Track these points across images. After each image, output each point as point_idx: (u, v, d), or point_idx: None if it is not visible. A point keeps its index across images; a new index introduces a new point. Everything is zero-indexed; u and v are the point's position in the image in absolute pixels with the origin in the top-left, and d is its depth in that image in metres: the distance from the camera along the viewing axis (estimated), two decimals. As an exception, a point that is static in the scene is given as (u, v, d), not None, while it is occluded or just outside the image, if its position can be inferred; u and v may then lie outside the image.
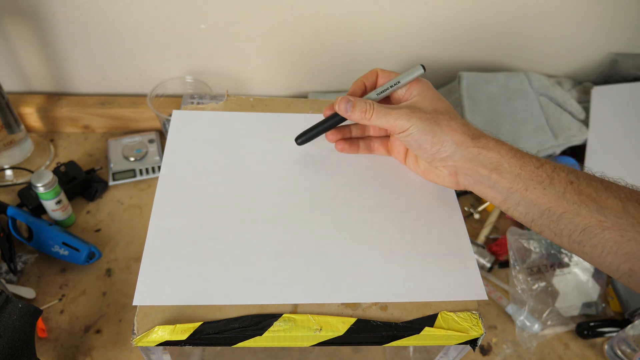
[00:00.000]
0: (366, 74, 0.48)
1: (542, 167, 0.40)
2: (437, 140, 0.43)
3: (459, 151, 0.43)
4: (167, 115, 0.84)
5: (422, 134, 0.43)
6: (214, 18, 0.85)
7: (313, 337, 0.38)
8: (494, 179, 0.42)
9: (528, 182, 0.40)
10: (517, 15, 0.90)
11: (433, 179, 0.48)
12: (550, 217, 0.40)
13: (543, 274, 0.77)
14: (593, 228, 0.38)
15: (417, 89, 0.46)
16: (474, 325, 0.39)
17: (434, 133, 0.43)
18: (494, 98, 0.91)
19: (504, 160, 0.41)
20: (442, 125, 0.43)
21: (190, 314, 0.38)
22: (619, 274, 0.38)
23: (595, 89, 0.94)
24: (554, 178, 0.40)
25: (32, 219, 0.73)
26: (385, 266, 0.42)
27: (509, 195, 0.41)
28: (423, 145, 0.44)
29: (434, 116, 0.43)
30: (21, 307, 0.54)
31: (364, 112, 0.45)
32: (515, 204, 0.42)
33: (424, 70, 0.46)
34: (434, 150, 0.43)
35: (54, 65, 0.91)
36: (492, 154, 0.42)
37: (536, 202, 0.40)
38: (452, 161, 0.44)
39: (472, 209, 0.89)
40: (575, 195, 0.39)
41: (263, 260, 0.42)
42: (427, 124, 0.43)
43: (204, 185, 0.47)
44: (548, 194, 0.39)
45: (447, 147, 0.43)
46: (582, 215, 0.38)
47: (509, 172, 0.41)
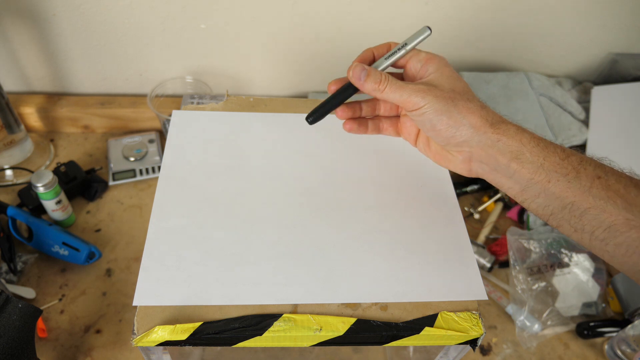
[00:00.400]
0: (378, 46, 0.45)
1: (567, 159, 0.38)
2: (453, 122, 0.40)
3: (476, 136, 0.40)
4: (167, 115, 0.84)
5: (437, 114, 0.40)
6: (214, 18, 0.85)
7: (313, 337, 0.38)
8: (513, 168, 0.39)
9: (551, 173, 0.37)
10: (517, 16, 0.90)
11: (444, 164, 0.45)
12: (573, 211, 0.37)
13: (543, 274, 0.77)
14: (619, 226, 0.36)
15: (433, 65, 0.43)
16: (474, 325, 0.39)
17: (450, 114, 0.40)
18: (494, 98, 0.91)
19: (525, 150, 0.38)
20: (459, 107, 0.40)
21: (190, 314, 0.38)
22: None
23: (595, 89, 0.94)
24: (580, 171, 0.37)
25: (32, 219, 0.73)
26: (385, 266, 0.42)
27: (529, 187, 0.39)
28: (437, 126, 0.40)
29: (451, 95, 0.40)
30: (21, 307, 0.54)
31: (378, 83, 0.41)
32: (534, 195, 0.39)
33: (430, 31, 0.43)
34: (449, 133, 0.40)
35: (54, 65, 0.91)
36: (512, 141, 0.39)
37: (559, 195, 0.37)
38: (468, 147, 0.41)
39: (472, 209, 0.89)
40: (602, 191, 0.36)
41: (263, 260, 0.42)
42: (443, 103, 0.40)
43: (203, 185, 0.47)
44: (573, 188, 0.37)
45: (463, 131, 0.40)
46: (608, 212, 0.36)
47: (530, 162, 0.38)
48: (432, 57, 0.43)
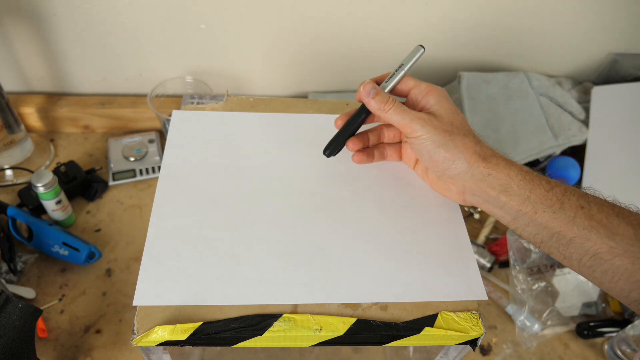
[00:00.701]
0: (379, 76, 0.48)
1: (552, 191, 0.40)
2: (450, 155, 0.42)
3: (469, 171, 0.42)
4: (167, 115, 0.84)
5: (435, 146, 0.42)
6: (214, 18, 0.85)
7: (313, 337, 0.38)
8: (502, 200, 0.41)
9: (537, 205, 0.39)
10: (517, 15, 0.90)
11: (441, 192, 0.47)
12: (560, 240, 0.39)
13: (543, 274, 0.77)
14: (604, 254, 0.37)
15: (433, 97, 0.45)
16: (474, 325, 0.39)
17: (447, 147, 0.42)
18: (494, 98, 0.91)
19: (513, 183, 0.40)
20: (456, 141, 0.42)
21: (190, 314, 0.38)
22: (629, 301, 0.38)
23: (595, 89, 0.94)
24: (565, 202, 0.39)
25: (32, 219, 0.73)
26: (385, 266, 0.42)
27: (518, 217, 0.41)
28: (434, 157, 0.43)
29: (449, 129, 0.42)
30: (21, 307, 0.54)
31: (384, 103, 0.43)
32: (524, 225, 0.41)
33: (423, 49, 0.45)
34: (445, 165, 0.43)
35: (54, 65, 0.91)
36: (501, 175, 0.41)
37: (545, 225, 0.39)
38: (461, 180, 0.43)
39: (472, 209, 0.89)
40: (585, 221, 0.38)
41: (263, 260, 0.42)
42: (442, 136, 0.42)
43: (204, 185, 0.47)
44: (558, 218, 0.39)
45: (459, 165, 0.42)
46: (592, 241, 0.37)
47: (517, 195, 0.40)
48: (433, 89, 0.45)
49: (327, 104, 0.57)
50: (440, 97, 0.45)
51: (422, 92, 0.45)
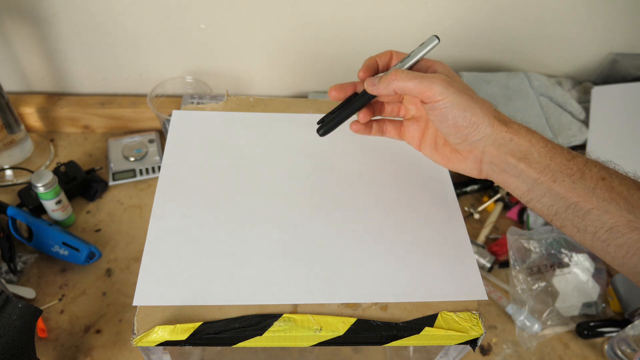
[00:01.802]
0: (379, 54, 0.46)
1: (573, 160, 0.38)
2: (476, 119, 0.40)
3: (492, 135, 0.40)
4: (167, 115, 0.84)
5: (461, 110, 0.39)
6: (214, 18, 0.85)
7: (313, 337, 0.38)
8: (521, 168, 0.39)
9: (557, 173, 0.38)
10: (517, 15, 0.90)
11: (453, 166, 0.45)
12: (576, 212, 0.38)
13: (543, 274, 0.77)
14: (621, 227, 0.36)
15: (440, 67, 0.43)
16: (474, 325, 0.39)
17: (473, 110, 0.40)
18: (494, 98, 0.91)
19: (534, 149, 0.39)
20: (479, 103, 0.40)
21: (190, 314, 0.38)
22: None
23: (595, 89, 0.94)
24: (585, 172, 0.38)
25: (32, 219, 0.73)
26: (385, 266, 0.42)
27: (535, 186, 0.39)
28: (460, 122, 0.40)
29: (469, 92, 0.40)
30: (21, 307, 0.54)
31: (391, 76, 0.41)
32: (539, 195, 0.39)
33: (438, 41, 0.43)
34: (469, 130, 0.40)
35: (54, 65, 0.91)
36: (523, 141, 0.39)
37: (563, 195, 0.38)
38: (483, 145, 0.41)
39: (472, 209, 0.89)
40: (606, 192, 0.37)
41: (263, 260, 0.42)
42: (465, 99, 0.40)
43: (204, 186, 0.47)
44: (577, 188, 0.37)
45: (483, 128, 0.40)
46: (611, 213, 0.36)
47: (537, 162, 0.39)
48: (437, 62, 0.44)
49: (327, 104, 0.57)
50: (446, 67, 0.43)
51: (427, 64, 0.44)
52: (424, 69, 0.44)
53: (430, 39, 0.43)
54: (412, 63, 0.43)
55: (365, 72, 0.45)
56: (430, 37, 0.43)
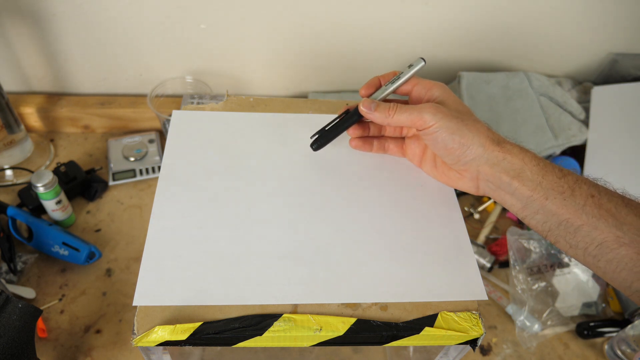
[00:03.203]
0: (384, 74, 0.48)
1: (564, 178, 0.40)
2: (465, 140, 0.42)
3: (485, 154, 0.42)
4: (167, 115, 0.84)
5: (450, 133, 0.42)
6: (214, 18, 0.85)
7: (313, 337, 0.38)
8: (514, 186, 0.41)
9: (549, 191, 0.40)
10: (517, 15, 0.90)
11: (452, 183, 0.47)
12: (568, 228, 0.39)
13: (543, 274, 0.77)
14: (610, 243, 0.38)
15: (437, 90, 0.45)
16: (474, 326, 0.39)
17: (462, 133, 0.42)
18: (494, 98, 0.91)
19: (526, 168, 0.41)
20: (469, 126, 0.42)
21: (190, 314, 0.38)
22: (631, 291, 0.38)
23: (595, 89, 0.94)
24: (575, 190, 0.39)
25: (32, 219, 0.73)
26: (385, 266, 0.42)
27: (528, 204, 0.41)
28: (450, 145, 0.42)
29: (458, 115, 0.43)
30: (21, 307, 0.54)
31: (387, 110, 0.44)
32: (533, 212, 0.41)
33: (424, 63, 0.46)
34: (460, 152, 0.42)
35: (54, 65, 0.91)
36: (516, 160, 0.41)
37: (555, 212, 0.40)
38: (476, 165, 0.43)
39: (472, 209, 0.89)
40: (595, 209, 0.38)
41: (263, 260, 0.42)
42: (454, 122, 0.42)
43: (204, 186, 0.47)
44: (568, 205, 0.39)
45: (474, 149, 0.42)
46: (600, 230, 0.38)
47: (530, 180, 0.40)
48: (436, 83, 0.46)
49: (327, 104, 0.57)
50: (444, 89, 0.45)
51: (425, 88, 0.46)
52: (424, 91, 0.46)
53: (417, 61, 0.46)
54: (401, 83, 0.47)
55: (367, 89, 0.47)
56: (417, 59, 0.47)
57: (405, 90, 0.48)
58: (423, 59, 0.46)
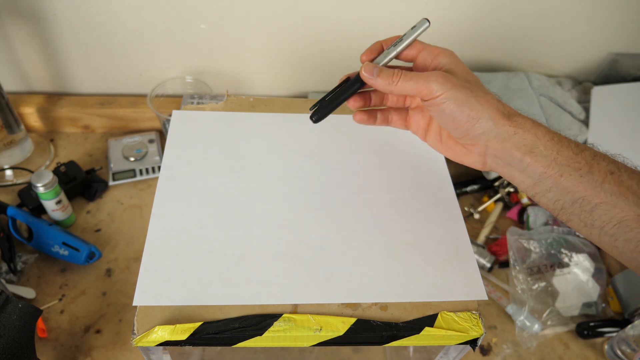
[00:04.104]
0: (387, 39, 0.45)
1: (581, 154, 0.38)
2: (475, 113, 0.39)
3: (494, 129, 0.39)
4: (167, 115, 0.84)
5: (458, 105, 0.39)
6: (214, 18, 0.85)
7: (313, 337, 0.38)
8: (526, 162, 0.38)
9: (564, 167, 0.37)
10: (517, 16, 0.90)
11: (458, 158, 0.44)
12: (584, 206, 0.37)
13: (543, 274, 0.77)
14: (630, 222, 0.36)
15: (445, 57, 0.42)
16: (474, 326, 0.39)
17: (471, 105, 0.39)
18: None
19: (540, 143, 0.38)
20: (479, 98, 0.39)
21: (190, 314, 0.38)
22: None
23: (595, 89, 0.94)
24: (593, 166, 0.37)
25: (32, 219, 0.73)
26: (385, 266, 0.42)
27: (540, 180, 0.39)
28: (458, 117, 0.39)
29: (468, 86, 0.39)
30: (21, 307, 0.54)
31: (391, 77, 0.40)
32: (545, 189, 0.39)
33: (429, 24, 0.42)
34: (469, 125, 0.39)
35: (54, 65, 0.91)
36: (528, 134, 0.38)
37: (570, 189, 0.37)
38: (485, 139, 0.40)
39: (472, 209, 0.88)
40: (614, 186, 0.36)
41: (263, 260, 0.42)
42: (463, 93, 0.39)
43: (203, 186, 0.47)
44: (585, 182, 0.37)
45: (483, 123, 0.39)
46: (619, 208, 0.36)
47: (544, 156, 0.38)
48: (443, 50, 0.42)
49: (327, 104, 0.57)
50: (452, 57, 0.42)
51: (432, 54, 0.43)
52: (430, 58, 0.43)
53: (421, 22, 0.42)
54: (405, 46, 0.43)
55: (369, 55, 0.44)
56: (421, 20, 0.42)
57: (410, 55, 0.44)
58: (427, 20, 0.42)
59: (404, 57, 0.44)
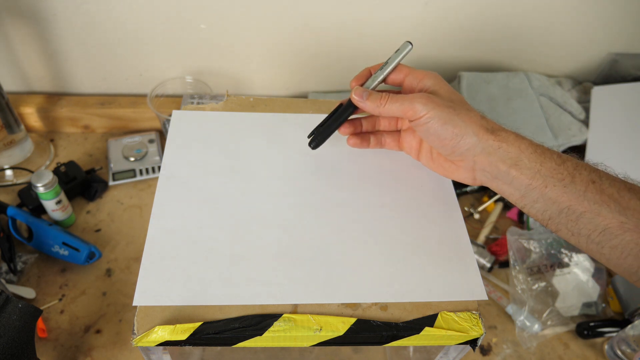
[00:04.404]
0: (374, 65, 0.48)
1: (563, 165, 0.39)
2: (458, 130, 0.41)
3: (479, 144, 0.41)
4: (167, 115, 0.84)
5: (442, 124, 0.41)
6: (214, 18, 0.85)
7: (313, 337, 0.38)
8: (512, 175, 0.40)
9: (548, 179, 0.39)
10: (517, 15, 0.90)
11: (449, 175, 0.46)
12: (569, 215, 0.38)
13: (543, 274, 0.77)
14: (614, 229, 0.37)
15: (430, 80, 0.44)
16: (474, 326, 0.39)
17: (454, 123, 0.41)
18: (494, 98, 0.91)
19: (523, 156, 0.40)
20: (462, 115, 0.41)
21: (190, 314, 0.38)
22: (637, 277, 0.38)
23: (595, 89, 0.94)
24: (576, 176, 0.38)
25: (32, 219, 0.73)
26: (385, 266, 0.42)
27: (527, 192, 0.40)
28: (442, 135, 0.41)
29: (451, 105, 0.42)
30: (21, 307, 0.54)
31: (379, 100, 0.43)
32: (532, 201, 0.40)
33: (411, 46, 0.45)
34: (454, 142, 0.41)
35: (54, 65, 0.91)
36: (512, 148, 0.40)
37: (555, 199, 0.39)
38: (472, 155, 0.42)
39: (472, 209, 0.89)
40: (597, 195, 0.37)
41: (263, 260, 0.42)
42: (446, 112, 0.41)
43: (203, 186, 0.47)
44: (568, 192, 0.38)
45: (468, 139, 0.41)
46: (603, 216, 0.37)
47: (528, 168, 0.39)
48: (428, 73, 0.45)
49: (327, 104, 0.57)
50: (436, 79, 0.44)
51: (417, 78, 0.45)
52: (415, 82, 0.45)
53: (404, 45, 0.45)
54: (390, 69, 0.46)
55: (358, 80, 0.47)
56: (404, 43, 0.45)
57: (398, 80, 0.46)
58: (410, 42, 0.45)
59: (391, 81, 0.47)
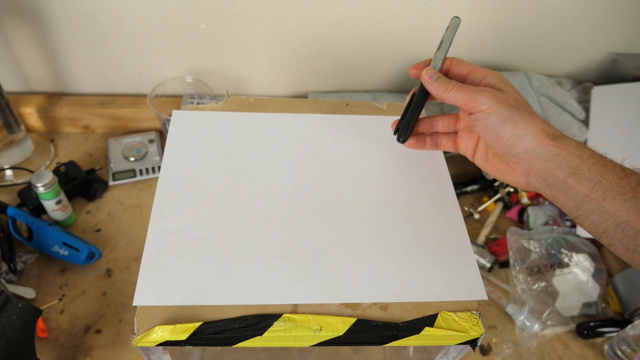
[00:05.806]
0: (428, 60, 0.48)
1: (626, 178, 0.38)
2: (518, 131, 0.40)
3: (537, 148, 0.40)
4: (167, 115, 0.84)
5: (502, 121, 0.40)
6: (214, 18, 0.85)
7: (313, 337, 0.38)
8: (569, 183, 0.39)
9: (608, 191, 0.37)
10: (517, 16, 0.90)
11: (503, 177, 0.45)
12: (626, 231, 0.37)
13: (543, 274, 0.77)
14: None
15: (494, 78, 0.44)
16: (474, 326, 0.39)
17: (515, 122, 0.40)
18: (494, 98, 0.91)
19: (584, 166, 0.38)
20: (524, 116, 0.40)
21: (190, 314, 0.38)
22: None
23: (595, 89, 0.94)
24: (638, 191, 0.37)
25: (32, 219, 0.73)
26: (385, 266, 0.42)
27: (583, 203, 0.39)
28: (500, 133, 0.41)
29: (515, 104, 0.41)
30: (21, 307, 0.54)
31: (446, 84, 0.43)
32: (588, 212, 0.39)
33: (459, 20, 0.45)
34: (511, 142, 0.40)
35: (54, 65, 0.91)
36: (572, 157, 0.39)
37: (613, 213, 0.37)
38: (528, 158, 0.41)
39: (472, 209, 0.88)
40: None
41: (263, 260, 0.42)
42: (509, 110, 0.40)
43: (203, 186, 0.47)
44: (628, 207, 0.37)
45: (527, 141, 0.40)
46: None
47: (588, 179, 0.38)
48: (492, 72, 0.45)
49: (327, 104, 0.57)
50: (500, 78, 0.44)
51: (481, 75, 0.45)
52: (479, 79, 0.45)
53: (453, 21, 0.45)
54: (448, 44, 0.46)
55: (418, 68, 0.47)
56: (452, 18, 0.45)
57: (462, 75, 0.46)
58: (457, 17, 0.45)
59: (455, 75, 0.46)
